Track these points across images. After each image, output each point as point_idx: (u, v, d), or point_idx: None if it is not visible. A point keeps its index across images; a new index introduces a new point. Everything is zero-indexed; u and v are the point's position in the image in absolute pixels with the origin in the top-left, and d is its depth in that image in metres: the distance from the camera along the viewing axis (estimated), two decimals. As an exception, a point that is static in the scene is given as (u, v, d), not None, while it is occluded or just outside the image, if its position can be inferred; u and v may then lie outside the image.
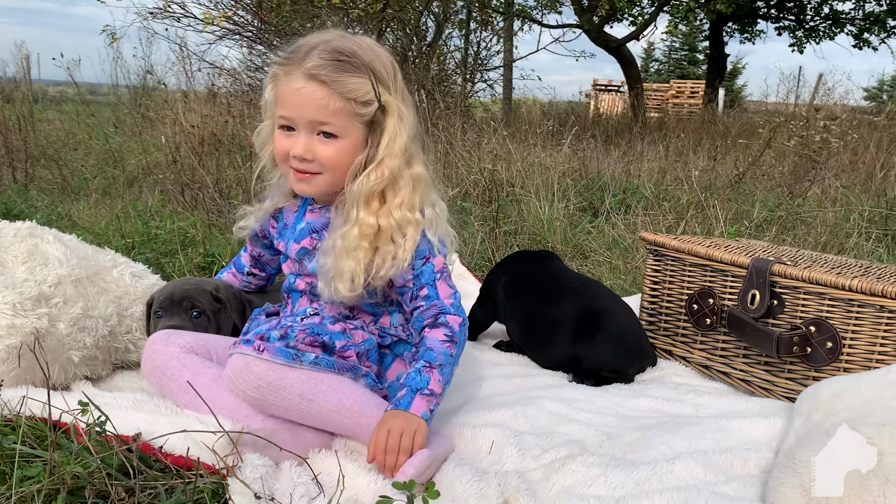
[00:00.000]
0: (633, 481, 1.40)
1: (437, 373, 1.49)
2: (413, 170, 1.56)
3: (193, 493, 1.32)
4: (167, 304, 1.85)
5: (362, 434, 1.48)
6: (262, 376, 1.43)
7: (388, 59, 1.56)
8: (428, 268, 1.58)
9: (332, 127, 1.50)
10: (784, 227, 3.91)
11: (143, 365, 1.60)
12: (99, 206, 4.22)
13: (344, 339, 1.56)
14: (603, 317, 2.12)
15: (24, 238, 1.92)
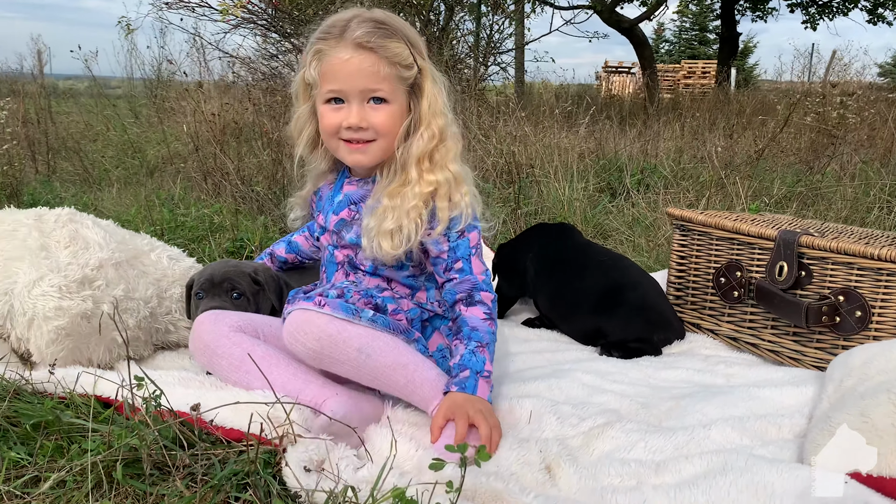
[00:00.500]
0: (672, 446, 1.44)
1: (487, 351, 1.53)
2: (453, 129, 1.63)
3: (246, 463, 1.37)
4: (208, 285, 1.89)
5: (414, 393, 1.51)
6: (323, 328, 1.46)
7: (414, 30, 1.64)
8: (464, 242, 1.62)
9: (382, 92, 1.56)
10: (804, 203, 3.91)
11: (193, 344, 1.64)
12: (122, 196, 4.27)
13: (394, 303, 1.60)
14: (629, 290, 2.18)
15: (65, 223, 1.97)
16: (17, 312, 1.75)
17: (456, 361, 1.52)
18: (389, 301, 1.62)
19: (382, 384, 1.53)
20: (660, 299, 2.22)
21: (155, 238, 2.21)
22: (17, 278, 1.77)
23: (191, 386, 1.66)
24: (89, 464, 1.34)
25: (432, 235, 1.60)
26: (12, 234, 1.90)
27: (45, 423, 1.48)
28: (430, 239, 1.60)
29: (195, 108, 4.87)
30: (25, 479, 1.33)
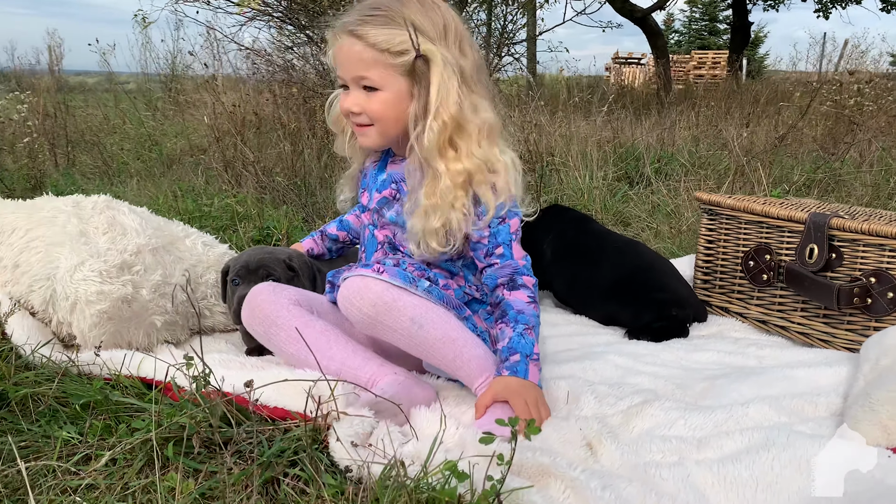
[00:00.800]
0: (712, 423, 1.46)
1: (534, 333, 1.54)
2: (481, 116, 1.58)
3: (293, 440, 1.40)
4: (244, 272, 1.91)
5: (460, 369, 1.54)
6: (379, 294, 1.49)
7: (443, 13, 1.57)
8: (504, 227, 1.62)
9: (370, 80, 1.56)
10: (825, 190, 3.91)
11: (250, 313, 1.65)
12: (142, 188, 4.31)
13: (444, 279, 1.63)
14: (640, 274, 2.24)
15: (103, 210, 2.00)
16: (60, 297, 1.78)
17: (504, 345, 1.53)
18: (440, 276, 1.65)
19: (431, 356, 1.55)
20: (671, 280, 2.26)
21: (188, 226, 2.23)
22: (58, 263, 1.80)
23: (231, 367, 1.69)
24: (140, 442, 1.37)
25: (479, 226, 1.59)
26: (52, 221, 1.93)
27: (94, 403, 1.51)
28: (476, 228, 1.61)
29: (215, 100, 4.90)
30: (78, 457, 1.36)
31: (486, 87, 1.64)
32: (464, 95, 1.55)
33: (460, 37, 1.58)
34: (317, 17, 6.17)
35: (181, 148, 5.62)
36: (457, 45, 1.58)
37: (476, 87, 1.60)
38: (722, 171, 4.15)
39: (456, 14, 1.62)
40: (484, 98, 1.61)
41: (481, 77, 1.62)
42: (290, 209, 3.60)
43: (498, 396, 1.46)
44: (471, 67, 1.59)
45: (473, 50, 1.61)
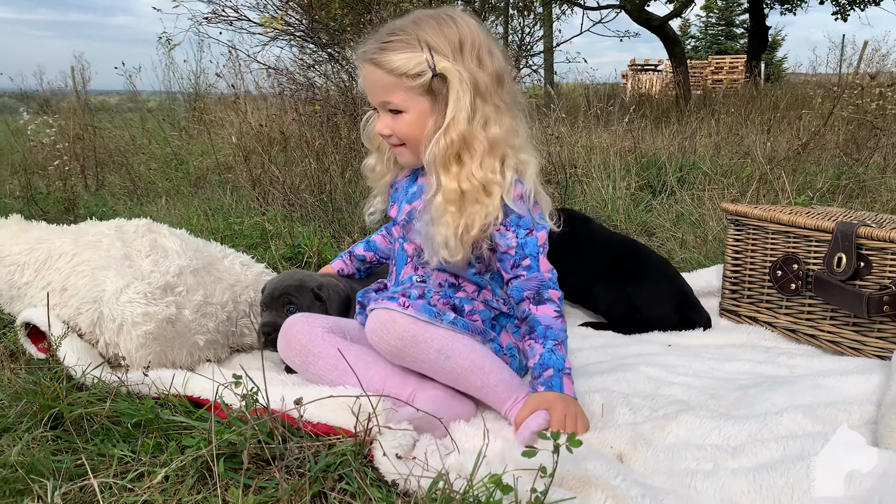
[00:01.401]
0: (746, 432, 1.48)
1: (564, 348, 1.58)
2: (489, 132, 1.60)
3: (338, 455, 1.44)
4: (268, 299, 1.97)
5: (489, 395, 1.58)
6: (406, 328, 1.55)
7: (458, 27, 1.60)
8: (532, 239, 1.65)
9: (394, 104, 1.63)
10: (849, 196, 3.91)
11: (287, 344, 1.71)
12: (171, 207, 4.40)
13: (470, 303, 1.66)
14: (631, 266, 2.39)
15: (144, 233, 2.07)
16: (107, 319, 1.84)
17: (536, 361, 1.56)
18: (466, 302, 1.68)
19: (459, 384, 1.60)
20: (656, 279, 2.37)
21: (225, 246, 2.30)
22: (104, 286, 1.87)
23: (273, 384, 1.73)
24: (192, 459, 1.42)
25: (489, 230, 1.63)
26: (96, 245, 1.99)
27: (145, 422, 1.57)
28: (498, 233, 1.64)
29: (242, 119, 4.99)
30: (132, 475, 1.41)
31: (506, 94, 1.65)
32: (477, 109, 1.59)
33: (478, 47, 1.61)
34: (337, 35, 6.28)
35: (207, 166, 5.73)
36: (474, 57, 1.60)
37: (493, 97, 1.62)
38: (745, 178, 4.16)
39: (475, 23, 1.64)
40: (500, 108, 1.63)
41: (501, 85, 1.64)
42: (318, 225, 3.66)
43: (536, 409, 1.49)
44: (487, 78, 1.61)
45: (494, 58, 1.63)
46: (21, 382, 1.75)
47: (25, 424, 1.58)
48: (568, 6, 9.66)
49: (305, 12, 6.11)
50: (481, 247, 1.68)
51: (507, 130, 1.63)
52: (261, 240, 3.38)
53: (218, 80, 7.05)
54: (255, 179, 4.40)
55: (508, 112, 1.65)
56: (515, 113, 1.67)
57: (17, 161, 5.92)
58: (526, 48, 8.08)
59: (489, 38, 1.64)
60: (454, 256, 1.63)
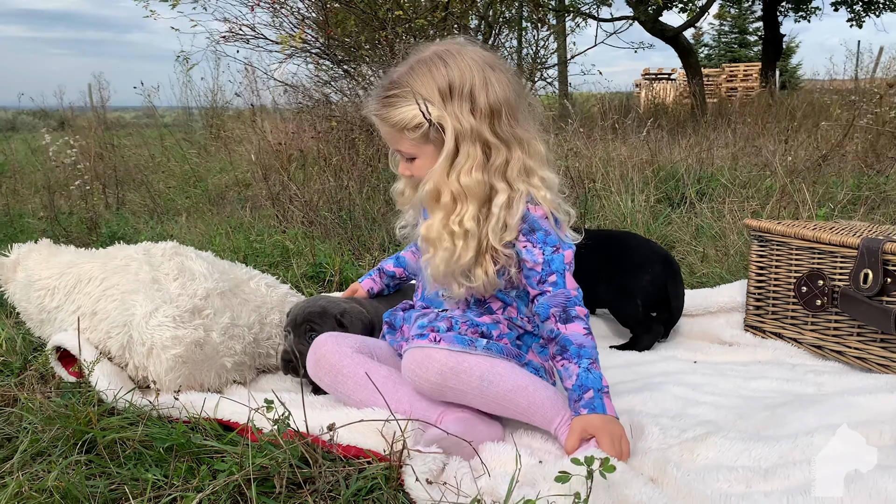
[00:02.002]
0: (776, 454, 1.48)
1: (598, 366, 1.57)
2: (463, 180, 1.61)
3: (368, 479, 1.45)
4: (291, 326, 1.98)
5: (536, 414, 1.58)
6: (443, 362, 1.56)
7: (448, 70, 1.61)
8: (558, 256, 1.65)
9: (404, 153, 1.70)
10: (871, 207, 3.89)
11: (316, 364, 1.72)
12: (192, 225, 4.44)
13: (496, 328, 1.67)
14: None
15: (171, 256, 2.09)
16: (136, 342, 1.86)
17: (574, 382, 1.55)
18: (493, 327, 1.69)
19: (505, 409, 1.60)
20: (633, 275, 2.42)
21: (250, 267, 2.32)
22: (134, 310, 1.89)
23: (298, 407, 1.75)
24: (225, 484, 1.43)
25: (503, 240, 1.64)
26: (125, 269, 2.02)
27: (177, 446, 1.58)
28: (524, 249, 1.65)
29: (261, 138, 5.03)
30: (167, 500, 1.42)
31: (505, 125, 1.64)
32: (461, 155, 1.61)
33: (470, 86, 1.61)
34: (353, 52, 6.32)
35: (225, 183, 5.77)
36: (465, 99, 1.61)
37: (486, 134, 1.62)
38: (765, 190, 4.15)
39: (472, 55, 1.64)
40: (494, 143, 1.63)
41: (498, 118, 1.63)
42: (337, 242, 3.68)
43: (584, 436, 1.50)
44: (476, 119, 1.61)
45: (490, 90, 1.62)
46: (53, 406, 1.77)
47: (59, 449, 1.60)
48: (581, 18, 9.69)
49: (321, 30, 6.16)
50: (508, 272, 1.69)
51: (501, 165, 1.64)
52: (282, 258, 3.41)
53: (235, 98, 7.12)
54: (275, 197, 4.43)
55: (513, 142, 1.64)
56: (526, 137, 1.66)
57: (38, 180, 5.99)
58: (540, 61, 8.09)
59: (488, 68, 1.63)
60: (449, 290, 1.69)
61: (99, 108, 8.80)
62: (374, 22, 5.96)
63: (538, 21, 8.07)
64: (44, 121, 10.97)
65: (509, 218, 1.63)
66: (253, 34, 6.25)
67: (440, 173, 1.62)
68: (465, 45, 1.68)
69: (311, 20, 6.36)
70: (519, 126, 1.67)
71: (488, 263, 1.66)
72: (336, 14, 6.14)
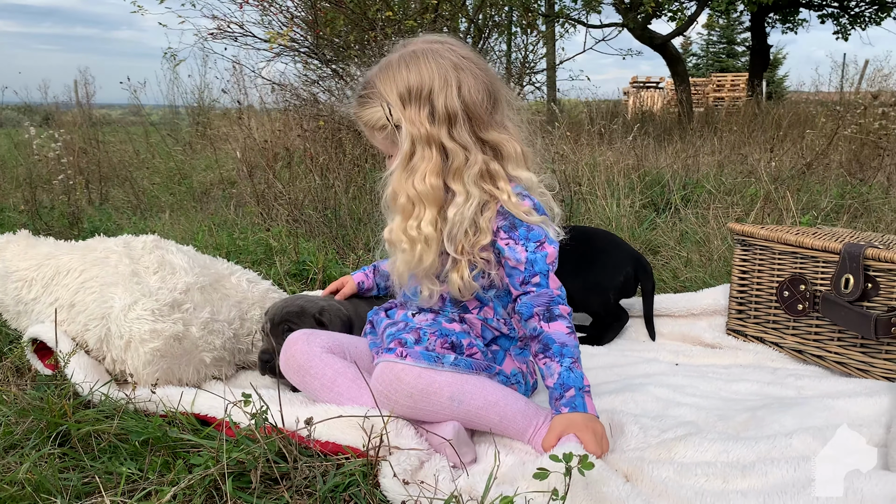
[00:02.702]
0: (755, 454, 1.48)
1: (580, 365, 1.57)
2: (417, 186, 1.61)
3: (346, 476, 1.44)
4: (270, 325, 1.97)
5: (508, 428, 1.58)
6: (413, 385, 1.54)
7: (411, 73, 1.61)
8: (541, 255, 1.63)
9: (381, 150, 1.75)
10: (853, 216, 3.92)
11: (286, 363, 1.71)
12: (174, 222, 4.40)
13: (467, 337, 1.66)
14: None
15: (152, 250, 2.07)
16: (114, 335, 1.84)
17: (555, 381, 1.54)
18: (463, 336, 1.67)
19: (478, 425, 1.59)
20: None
21: (232, 262, 2.30)
22: (112, 303, 1.87)
23: (277, 403, 1.74)
24: (201, 478, 1.41)
25: (477, 243, 1.64)
26: (105, 261, 1.99)
27: (152, 440, 1.56)
28: (507, 246, 1.63)
29: (247, 135, 5.01)
30: (140, 494, 1.41)
31: (464, 130, 1.63)
32: (416, 159, 1.62)
33: (429, 90, 1.60)
34: (342, 52, 6.30)
35: (211, 181, 5.74)
36: (423, 104, 1.61)
37: (444, 139, 1.61)
38: (749, 197, 4.17)
39: (441, 55, 1.63)
40: (456, 148, 1.62)
41: (459, 122, 1.62)
42: (322, 241, 3.66)
43: (564, 434, 1.48)
44: (431, 125, 1.61)
45: (448, 95, 1.60)
46: (27, 399, 1.75)
47: (33, 442, 1.58)
48: (570, 24, 9.72)
49: (310, 29, 6.14)
50: (488, 274, 1.68)
51: (458, 169, 1.62)
52: (265, 256, 3.38)
53: (222, 95, 7.08)
54: (259, 195, 4.41)
55: (472, 147, 1.63)
56: (496, 139, 1.65)
57: (20, 174, 5.93)
58: (529, 65, 8.12)
59: (454, 70, 1.61)
60: (421, 291, 1.70)
61: (84, 104, 8.73)
62: (363, 22, 5.96)
63: (527, 26, 8.10)
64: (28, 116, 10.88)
65: (465, 223, 1.62)
66: (241, 32, 6.22)
67: (396, 177, 1.64)
68: (443, 44, 1.66)
69: (300, 19, 6.34)
70: (488, 129, 1.66)
71: (464, 268, 1.65)
72: (325, 14, 6.13)
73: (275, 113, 6.81)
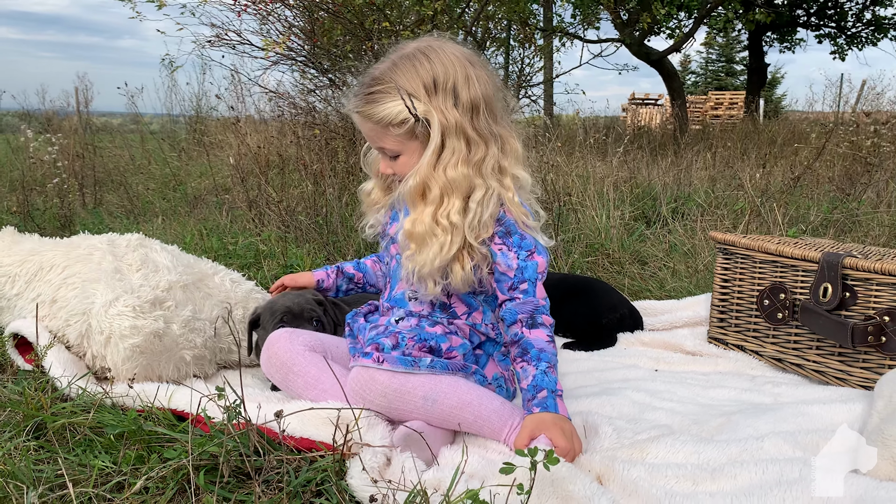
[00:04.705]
0: (726, 456, 1.49)
1: (556, 371, 1.58)
2: (448, 174, 1.62)
3: (318, 471, 1.44)
4: (290, 317, 1.95)
5: (483, 427, 1.58)
6: (386, 384, 1.56)
7: (433, 65, 1.62)
8: (532, 264, 1.65)
9: (388, 150, 1.69)
10: (841, 230, 3.94)
11: (268, 361, 1.72)
12: (168, 226, 4.42)
13: (446, 340, 1.67)
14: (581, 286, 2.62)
15: (136, 248, 2.08)
16: (95, 331, 1.85)
17: (529, 382, 1.56)
18: (442, 340, 1.67)
19: (452, 424, 1.60)
20: (601, 293, 2.59)
21: (217, 262, 2.31)
22: (94, 299, 1.88)
23: (255, 400, 1.74)
24: (172, 470, 1.42)
25: (476, 241, 1.64)
26: (88, 258, 2.01)
27: (128, 433, 1.57)
28: (500, 251, 1.65)
29: (240, 141, 5.03)
30: (110, 485, 1.41)
31: (483, 121, 1.65)
32: (446, 149, 1.62)
33: (453, 80, 1.62)
34: (339, 62, 6.34)
35: (205, 187, 5.76)
36: (449, 93, 1.62)
37: (468, 130, 1.63)
38: (738, 211, 4.19)
39: (453, 51, 1.65)
40: (474, 139, 1.64)
41: (477, 114, 1.64)
42: (313, 247, 3.68)
43: (535, 433, 1.49)
44: (461, 113, 1.62)
45: (471, 85, 1.63)
46: (7, 393, 1.75)
47: (8, 433, 1.58)
48: (568, 38, 9.78)
49: (308, 38, 6.18)
50: (481, 270, 1.69)
51: (479, 161, 1.64)
52: (254, 260, 3.40)
53: (219, 103, 7.11)
54: (252, 201, 4.43)
55: (490, 139, 1.66)
56: (503, 134, 1.68)
57: (16, 178, 5.94)
58: (525, 79, 8.17)
59: (468, 64, 1.64)
60: (424, 290, 1.67)
61: (83, 111, 8.76)
62: (360, 32, 6.00)
63: (524, 40, 8.15)
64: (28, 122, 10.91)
65: (485, 214, 1.63)
66: (239, 40, 6.26)
67: (427, 168, 1.62)
68: (444, 42, 1.68)
69: (297, 28, 6.38)
70: (497, 123, 1.68)
71: (465, 260, 1.65)
72: (323, 23, 6.17)
73: (271, 121, 6.84)
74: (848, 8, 14.45)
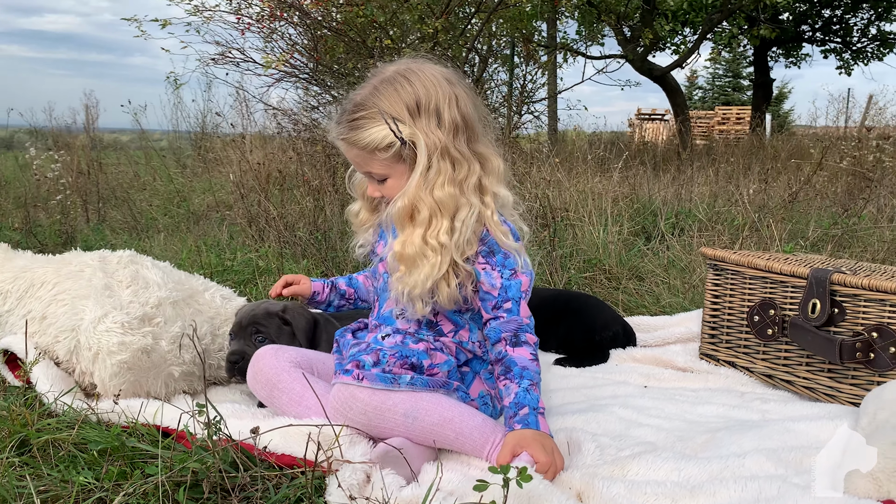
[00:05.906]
0: (707, 473, 1.48)
1: (538, 389, 1.58)
2: (436, 194, 1.62)
3: (299, 488, 1.45)
4: (236, 329, 2.00)
5: (465, 445, 1.58)
6: (367, 402, 1.57)
7: (414, 87, 1.62)
8: (515, 283, 1.65)
9: (375, 174, 1.69)
10: (840, 245, 3.92)
11: (254, 377, 1.73)
12: (169, 243, 4.44)
13: (428, 357, 1.67)
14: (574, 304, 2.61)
15: (127, 264, 2.10)
16: (83, 347, 1.86)
17: (511, 400, 1.56)
18: (424, 357, 1.66)
19: (433, 441, 1.60)
20: (595, 309, 2.60)
21: (208, 279, 2.32)
22: (83, 315, 1.89)
23: (244, 417, 1.76)
24: (153, 486, 1.42)
25: (462, 258, 1.64)
26: (79, 274, 2.02)
27: (111, 450, 1.58)
28: (483, 271, 1.65)
29: (241, 158, 5.07)
30: (91, 500, 1.42)
31: (463, 142, 1.65)
32: (431, 170, 1.62)
33: (435, 102, 1.63)
34: (341, 78, 6.39)
35: (208, 204, 5.79)
36: (432, 115, 1.63)
37: (451, 150, 1.63)
38: (736, 227, 4.19)
39: (433, 72, 1.66)
40: (458, 159, 1.64)
41: (457, 135, 1.65)
42: (311, 263, 3.69)
43: (516, 449, 1.49)
44: (444, 134, 1.62)
45: (452, 106, 1.63)
46: (-6, 409, 1.76)
47: (-8, 450, 1.59)
48: (570, 54, 9.83)
49: (311, 56, 6.24)
50: (465, 288, 1.69)
51: (462, 180, 1.64)
52: (252, 276, 3.41)
53: (223, 121, 7.18)
54: (252, 217, 4.45)
55: (472, 157, 1.66)
56: (485, 152, 1.68)
57: (21, 195, 6.00)
58: (528, 94, 8.20)
59: (448, 83, 1.65)
60: (413, 309, 1.66)
61: (90, 128, 8.85)
62: (362, 50, 6.05)
63: (528, 57, 8.19)
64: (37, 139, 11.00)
65: (468, 232, 1.64)
66: (242, 57, 6.33)
67: (415, 189, 1.62)
68: (422, 63, 1.69)
69: (300, 45, 6.44)
70: (478, 141, 1.69)
71: (451, 277, 1.65)
72: (325, 41, 6.22)
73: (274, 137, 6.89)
74: (853, 23, 14.45)
